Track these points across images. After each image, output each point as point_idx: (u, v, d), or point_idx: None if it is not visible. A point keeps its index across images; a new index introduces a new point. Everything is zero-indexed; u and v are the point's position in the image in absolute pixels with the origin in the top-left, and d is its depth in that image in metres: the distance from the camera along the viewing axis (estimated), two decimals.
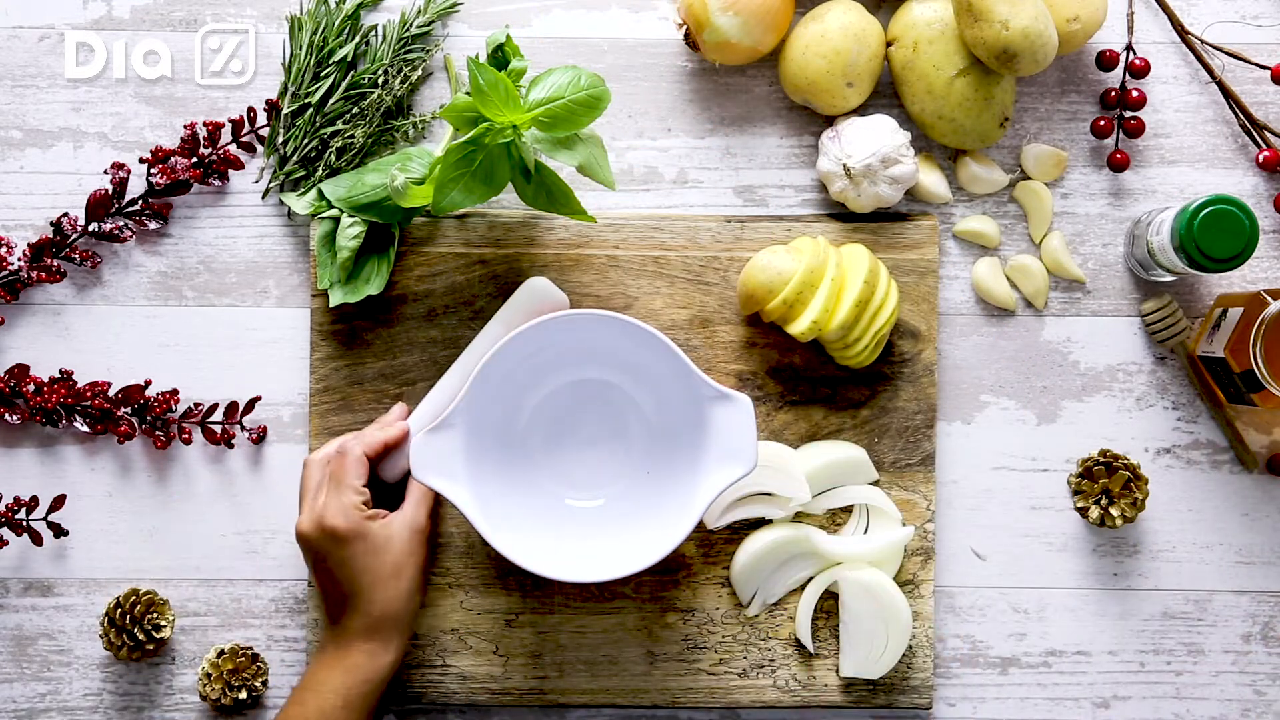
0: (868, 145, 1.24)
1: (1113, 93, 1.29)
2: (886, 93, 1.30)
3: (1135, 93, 1.28)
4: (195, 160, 1.28)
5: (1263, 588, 1.29)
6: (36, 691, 1.28)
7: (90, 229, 1.28)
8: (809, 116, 1.30)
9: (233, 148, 1.29)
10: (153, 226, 1.29)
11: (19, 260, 1.27)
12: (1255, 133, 1.29)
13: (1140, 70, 1.28)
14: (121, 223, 1.28)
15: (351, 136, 1.27)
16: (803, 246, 1.24)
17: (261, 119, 1.29)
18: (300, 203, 1.26)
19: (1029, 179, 1.30)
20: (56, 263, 1.28)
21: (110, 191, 1.28)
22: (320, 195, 1.26)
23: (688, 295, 1.27)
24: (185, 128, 1.28)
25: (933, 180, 1.29)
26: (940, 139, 1.27)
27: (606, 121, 1.29)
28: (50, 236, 1.28)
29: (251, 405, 1.28)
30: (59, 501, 1.27)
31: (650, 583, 1.27)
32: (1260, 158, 1.28)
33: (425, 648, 1.27)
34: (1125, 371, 1.30)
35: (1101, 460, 1.27)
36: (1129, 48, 1.29)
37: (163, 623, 1.25)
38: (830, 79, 1.25)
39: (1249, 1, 1.30)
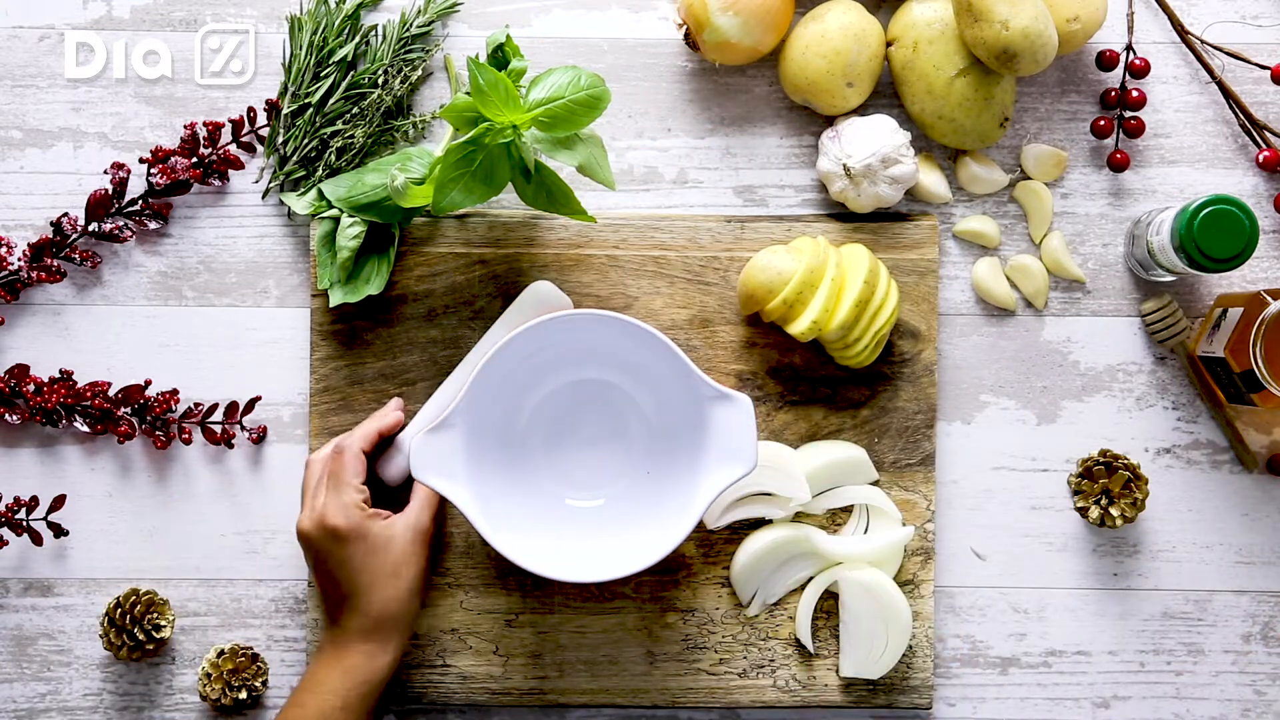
0: (868, 145, 1.24)
1: (1113, 93, 1.29)
2: (886, 93, 1.29)
3: (1135, 93, 1.28)
4: (195, 160, 1.28)
5: (1263, 588, 1.29)
6: (36, 691, 1.28)
7: (90, 229, 1.28)
8: (809, 116, 1.30)
9: (233, 148, 1.29)
10: (153, 226, 1.28)
11: (19, 260, 1.27)
12: (1255, 133, 1.29)
13: (1140, 70, 1.28)
14: (121, 223, 1.28)
15: (351, 136, 1.27)
16: (803, 246, 1.24)
17: (261, 119, 1.29)
18: (300, 203, 1.26)
19: (1029, 179, 1.30)
20: (56, 263, 1.28)
21: (110, 191, 1.28)
22: (320, 195, 1.26)
23: (688, 295, 1.27)
24: (185, 128, 1.28)
25: (933, 180, 1.29)
26: (940, 139, 1.27)
27: (606, 121, 1.29)
28: (50, 236, 1.28)
29: (251, 405, 1.28)
30: (59, 501, 1.27)
31: (650, 583, 1.27)
32: (1260, 158, 1.28)
33: (425, 648, 1.27)
34: (1125, 371, 1.30)
35: (1101, 460, 1.27)
36: (1129, 48, 1.29)
37: (163, 623, 1.25)
38: (830, 79, 1.25)
39: (1249, 1, 1.30)
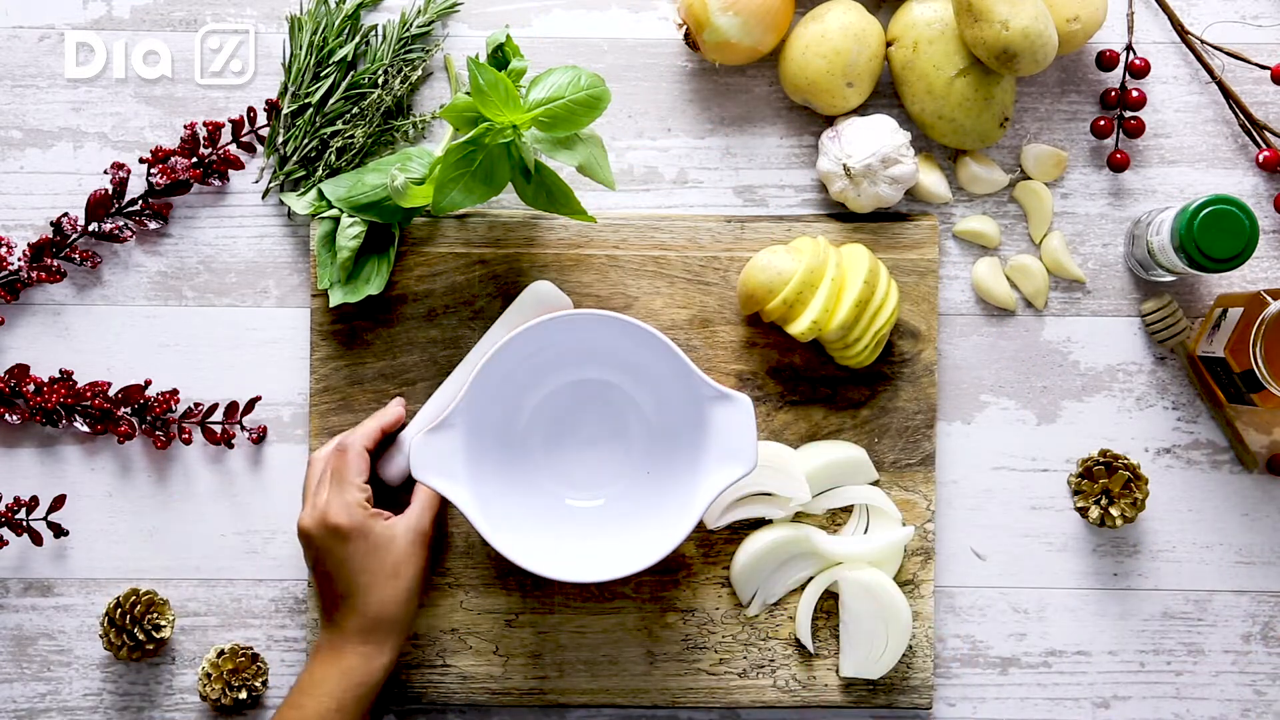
0: (868, 145, 1.24)
1: (1113, 93, 1.29)
2: (886, 93, 1.29)
3: (1135, 93, 1.28)
4: (195, 160, 1.28)
5: (1263, 588, 1.29)
6: (36, 691, 1.28)
7: (90, 229, 1.28)
8: (809, 116, 1.30)
9: (233, 148, 1.29)
10: (153, 226, 1.28)
11: (19, 260, 1.27)
12: (1255, 133, 1.29)
13: (1140, 70, 1.28)
14: (121, 223, 1.28)
15: (351, 136, 1.27)
16: (803, 246, 1.24)
17: (261, 119, 1.29)
18: (300, 203, 1.26)
19: (1029, 179, 1.30)
20: (56, 263, 1.28)
21: (110, 191, 1.28)
22: (320, 195, 1.26)
23: (688, 295, 1.27)
24: (185, 128, 1.28)
25: (933, 180, 1.29)
26: (940, 139, 1.27)
27: (606, 121, 1.29)
28: (50, 236, 1.28)
29: (251, 405, 1.28)
30: (59, 501, 1.27)
31: (650, 583, 1.27)
32: (1260, 158, 1.28)
33: (425, 648, 1.27)
34: (1125, 371, 1.30)
35: (1101, 460, 1.27)
36: (1129, 48, 1.29)
37: (163, 623, 1.25)
38: (830, 79, 1.25)
39: (1249, 1, 1.30)
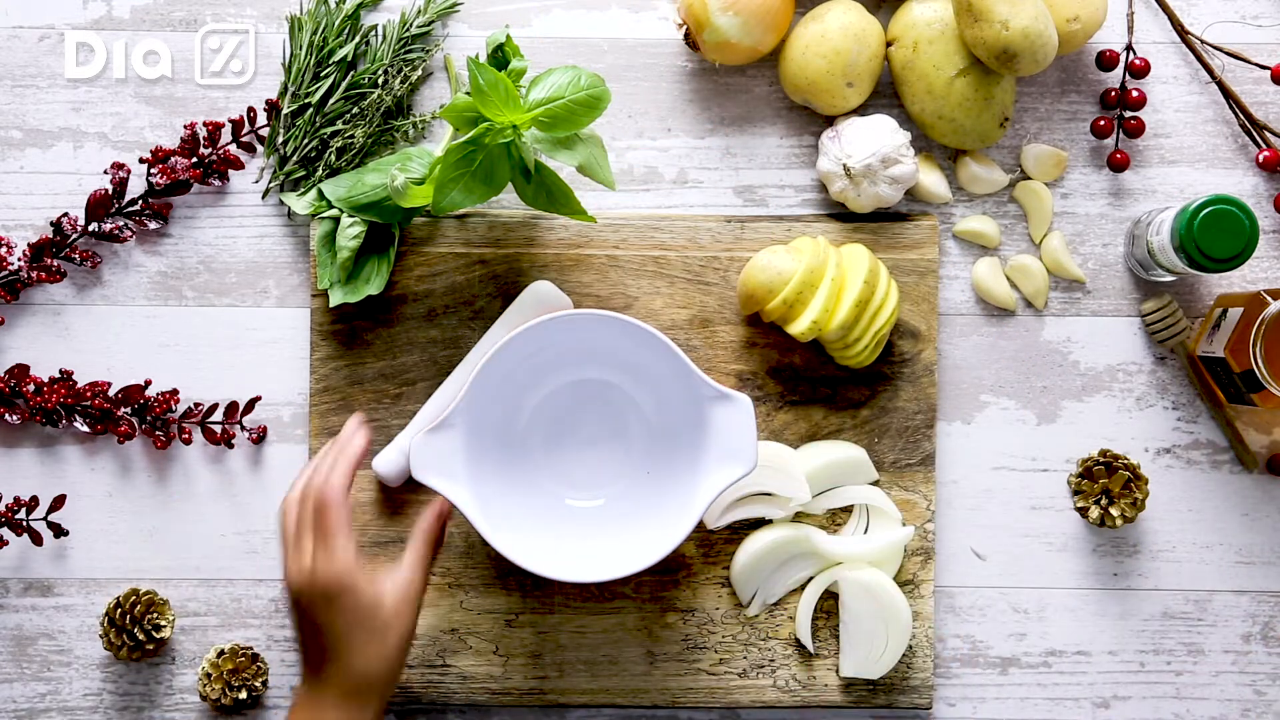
0: (868, 145, 1.24)
1: (1113, 93, 1.29)
2: (886, 93, 1.29)
3: (1135, 93, 1.28)
4: (195, 160, 1.28)
5: (1263, 588, 1.29)
6: (36, 691, 1.28)
7: (90, 229, 1.28)
8: (809, 116, 1.30)
9: (233, 148, 1.29)
10: (153, 226, 1.28)
11: (19, 260, 1.27)
12: (1255, 133, 1.29)
13: (1140, 70, 1.28)
14: (121, 223, 1.28)
15: (351, 136, 1.27)
16: (803, 246, 1.24)
17: (261, 119, 1.29)
18: (300, 203, 1.26)
19: (1029, 179, 1.30)
20: (56, 263, 1.28)
21: (110, 191, 1.28)
22: (320, 195, 1.26)
23: (688, 295, 1.27)
24: (185, 128, 1.28)
25: (933, 180, 1.29)
26: (940, 139, 1.27)
27: (606, 121, 1.29)
28: (50, 236, 1.28)
29: (251, 405, 1.28)
30: (59, 501, 1.27)
31: (650, 583, 1.27)
32: (1260, 158, 1.28)
33: (425, 648, 1.27)
34: (1125, 371, 1.30)
35: (1101, 460, 1.27)
36: (1129, 48, 1.29)
37: (163, 623, 1.25)
38: (830, 79, 1.25)
39: (1249, 1, 1.30)
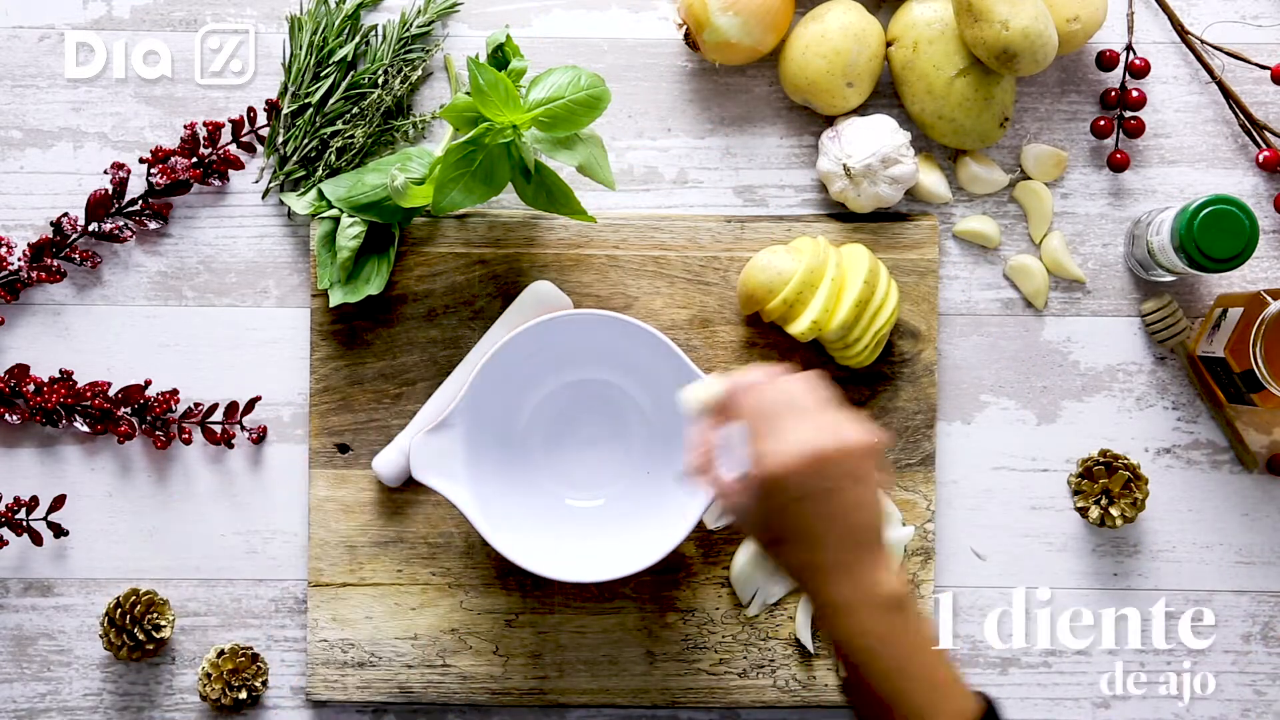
0: (868, 145, 1.24)
1: (1113, 93, 1.29)
2: (886, 93, 1.29)
3: (1135, 93, 1.28)
4: (195, 160, 1.28)
5: (1263, 588, 1.29)
6: (36, 691, 1.28)
7: (90, 229, 1.28)
8: (809, 116, 1.30)
9: (233, 148, 1.29)
10: (153, 226, 1.28)
11: (19, 260, 1.27)
12: (1255, 133, 1.29)
13: (1140, 70, 1.28)
14: (121, 223, 1.28)
15: (351, 136, 1.27)
16: (803, 246, 1.24)
17: (261, 119, 1.29)
18: (300, 203, 1.26)
19: (1029, 179, 1.30)
20: (56, 263, 1.28)
21: (110, 191, 1.28)
22: (320, 195, 1.26)
23: (688, 295, 1.27)
24: (185, 128, 1.28)
25: (933, 180, 1.29)
26: (940, 139, 1.27)
27: (606, 121, 1.29)
28: (50, 236, 1.28)
29: (251, 405, 1.28)
30: (59, 501, 1.27)
31: (650, 583, 1.27)
32: (1260, 158, 1.28)
33: (425, 648, 1.27)
34: (1125, 371, 1.30)
35: (1101, 460, 1.27)
36: (1129, 48, 1.29)
37: (163, 623, 1.25)
38: (830, 79, 1.24)
39: (1249, 1, 1.30)
